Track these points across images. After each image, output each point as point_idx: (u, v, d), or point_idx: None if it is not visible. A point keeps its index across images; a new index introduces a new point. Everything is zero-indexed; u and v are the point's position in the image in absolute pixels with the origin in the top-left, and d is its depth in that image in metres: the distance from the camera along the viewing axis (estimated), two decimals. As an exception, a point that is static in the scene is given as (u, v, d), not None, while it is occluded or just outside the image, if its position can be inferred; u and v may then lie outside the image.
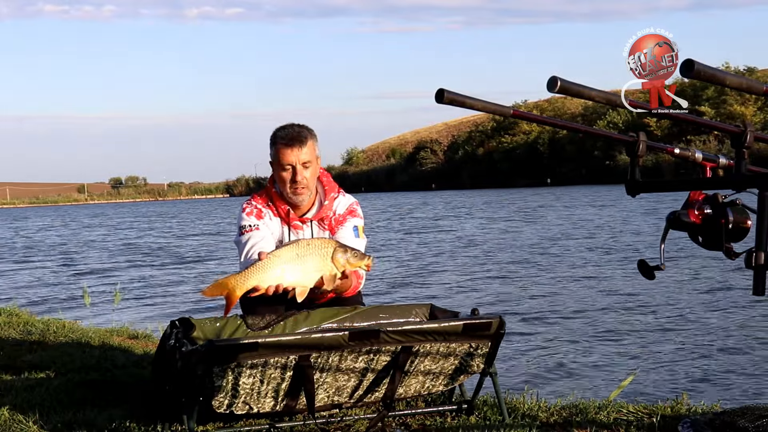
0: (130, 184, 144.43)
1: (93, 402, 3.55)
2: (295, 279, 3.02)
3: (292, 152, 3.39)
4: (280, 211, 3.48)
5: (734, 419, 2.75)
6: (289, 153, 3.39)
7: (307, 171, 3.42)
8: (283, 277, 3.00)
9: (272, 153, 3.46)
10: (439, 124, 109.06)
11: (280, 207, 3.48)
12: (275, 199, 3.49)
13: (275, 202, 3.49)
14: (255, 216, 3.45)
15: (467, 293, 10.36)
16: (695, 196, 2.24)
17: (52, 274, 15.55)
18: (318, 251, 3.05)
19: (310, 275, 3.05)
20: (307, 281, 3.05)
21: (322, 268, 3.05)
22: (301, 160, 3.40)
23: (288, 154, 3.39)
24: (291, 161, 3.40)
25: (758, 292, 1.98)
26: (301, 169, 3.40)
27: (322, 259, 3.05)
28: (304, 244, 3.07)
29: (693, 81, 7.86)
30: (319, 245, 3.08)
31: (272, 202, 3.50)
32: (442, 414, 3.29)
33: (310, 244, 3.07)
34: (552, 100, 76.99)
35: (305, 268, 3.03)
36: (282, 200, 3.48)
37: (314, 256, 3.04)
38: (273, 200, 3.49)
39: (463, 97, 2.12)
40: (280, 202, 3.48)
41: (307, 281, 3.05)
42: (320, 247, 3.07)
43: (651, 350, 6.61)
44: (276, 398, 2.94)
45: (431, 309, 3.46)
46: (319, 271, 3.05)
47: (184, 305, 10.31)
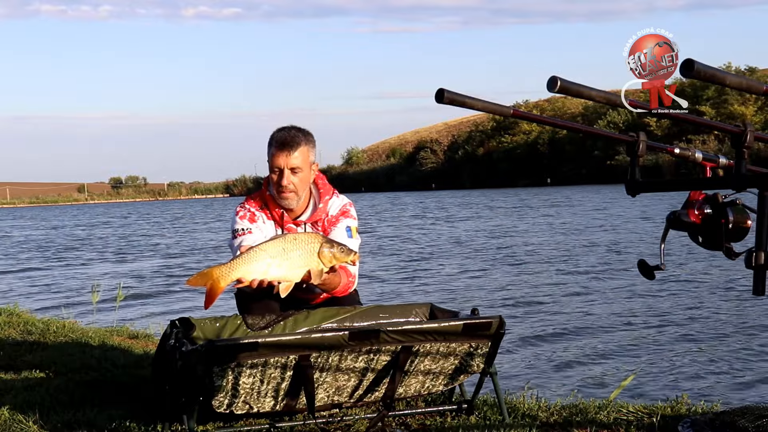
0: (130, 184, 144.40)
1: (93, 402, 3.55)
2: (281, 273, 2.98)
3: (282, 156, 3.38)
4: (273, 214, 3.47)
5: (734, 419, 2.75)
6: (279, 156, 3.38)
7: (295, 176, 3.39)
8: (268, 271, 2.96)
9: (267, 155, 3.46)
10: (439, 124, 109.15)
11: (273, 210, 3.46)
12: (269, 201, 3.47)
13: (269, 205, 3.47)
14: (248, 219, 3.43)
15: (467, 293, 10.36)
16: (695, 196, 2.24)
17: (52, 273, 15.55)
18: (304, 246, 3.01)
19: (296, 270, 3.00)
20: (292, 276, 3.01)
21: (308, 262, 3.01)
22: (290, 164, 3.38)
23: (278, 157, 3.38)
24: (280, 164, 3.38)
25: (758, 292, 1.98)
26: (288, 173, 3.38)
27: (308, 254, 3.01)
28: (291, 239, 3.03)
29: (693, 81, 7.83)
30: (306, 240, 3.04)
31: (266, 204, 3.48)
32: (442, 414, 3.29)
33: (296, 239, 3.04)
34: (552, 100, 77.05)
35: (291, 263, 2.99)
36: (276, 203, 3.47)
37: (300, 251, 3.00)
38: (267, 203, 3.48)
39: (463, 97, 2.12)
40: (274, 204, 3.46)
41: (292, 276, 3.01)
42: (306, 242, 3.03)
43: (651, 350, 6.61)
44: (276, 398, 2.94)
45: (431, 309, 3.46)
46: (305, 266, 3.01)
47: (184, 305, 10.31)
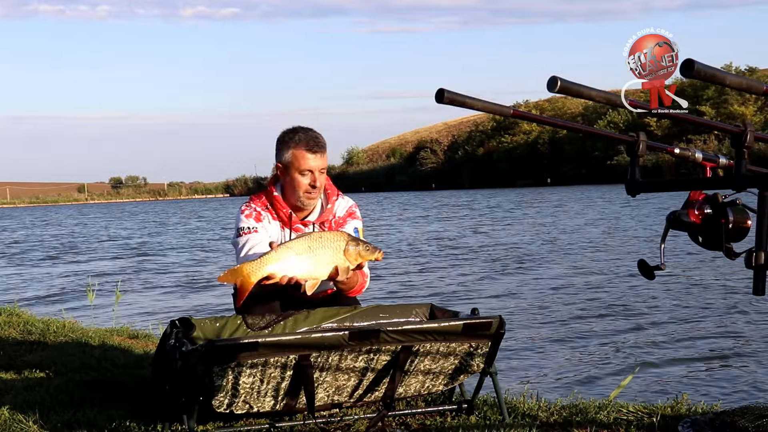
0: (130, 183, 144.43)
1: (93, 402, 3.55)
2: (308, 271, 3.02)
3: (314, 158, 3.39)
4: (281, 215, 3.44)
5: (734, 419, 2.75)
6: (311, 158, 3.38)
7: (323, 177, 3.45)
8: (297, 268, 3.00)
9: (286, 156, 3.40)
10: (439, 124, 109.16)
11: (281, 210, 3.44)
12: (276, 201, 3.45)
13: (276, 205, 3.45)
14: (254, 218, 3.41)
15: (467, 293, 10.36)
16: (695, 195, 2.24)
17: (51, 272, 15.55)
18: (331, 243, 3.05)
19: (323, 267, 3.04)
20: (319, 273, 3.05)
21: (335, 260, 3.05)
22: (320, 166, 3.40)
23: (310, 160, 3.38)
24: (312, 167, 3.38)
25: (758, 292, 1.98)
26: (319, 175, 3.41)
27: (335, 251, 3.05)
28: (316, 237, 3.07)
29: (693, 81, 7.84)
30: (331, 238, 3.07)
31: (272, 205, 3.46)
32: (442, 414, 3.29)
33: (322, 237, 3.07)
34: (552, 100, 77.03)
35: (318, 260, 3.02)
36: (284, 203, 3.44)
37: (327, 249, 3.03)
38: (273, 203, 3.46)
39: (463, 97, 2.12)
40: (282, 204, 3.44)
41: (319, 273, 3.05)
42: (333, 240, 3.06)
43: (651, 350, 6.60)
44: (276, 398, 2.94)
45: (431, 309, 3.46)
46: (332, 263, 3.05)
47: (184, 305, 10.31)
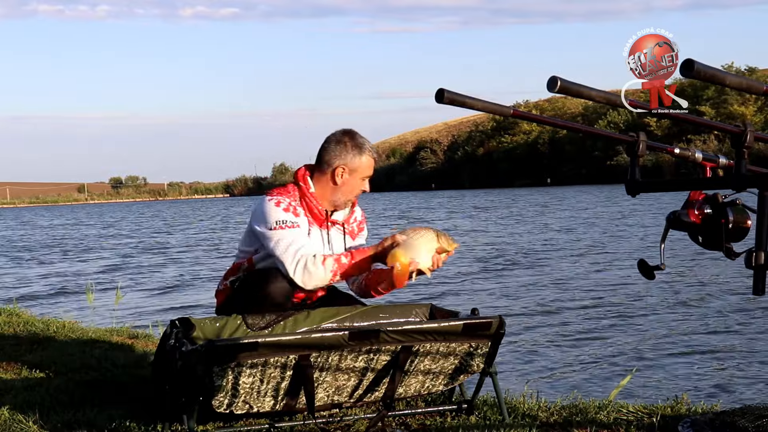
0: (130, 183, 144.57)
1: (93, 402, 3.54)
2: (425, 261, 3.18)
3: (374, 164, 3.50)
4: (316, 212, 3.41)
5: (734, 419, 2.75)
6: (373, 165, 3.49)
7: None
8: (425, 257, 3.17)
9: (357, 161, 3.41)
10: (439, 124, 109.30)
11: (316, 208, 3.41)
12: (312, 199, 3.41)
13: (310, 203, 3.41)
14: (292, 213, 3.36)
15: (467, 293, 10.36)
16: (695, 196, 2.24)
17: (51, 272, 15.55)
18: (428, 235, 3.21)
19: (429, 258, 3.20)
20: (428, 262, 3.20)
21: (434, 249, 3.21)
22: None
23: (371, 167, 3.48)
24: (371, 172, 3.49)
25: (758, 292, 1.98)
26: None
27: (432, 242, 3.20)
28: (413, 231, 3.23)
29: (693, 81, 7.86)
30: (425, 231, 3.23)
31: (303, 201, 3.41)
32: (442, 414, 3.28)
33: (416, 231, 3.23)
34: (552, 100, 77.10)
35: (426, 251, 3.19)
36: (319, 201, 3.42)
37: (428, 240, 3.19)
38: (308, 200, 3.41)
39: (463, 97, 2.12)
40: (318, 202, 3.42)
41: (428, 262, 3.20)
42: (427, 232, 3.22)
43: (651, 350, 6.60)
44: (276, 398, 2.94)
45: (431, 309, 3.46)
46: (432, 253, 3.21)
47: (184, 305, 10.31)
